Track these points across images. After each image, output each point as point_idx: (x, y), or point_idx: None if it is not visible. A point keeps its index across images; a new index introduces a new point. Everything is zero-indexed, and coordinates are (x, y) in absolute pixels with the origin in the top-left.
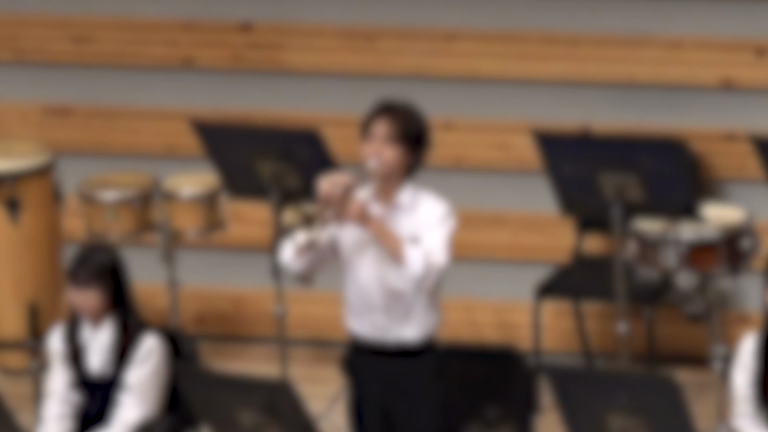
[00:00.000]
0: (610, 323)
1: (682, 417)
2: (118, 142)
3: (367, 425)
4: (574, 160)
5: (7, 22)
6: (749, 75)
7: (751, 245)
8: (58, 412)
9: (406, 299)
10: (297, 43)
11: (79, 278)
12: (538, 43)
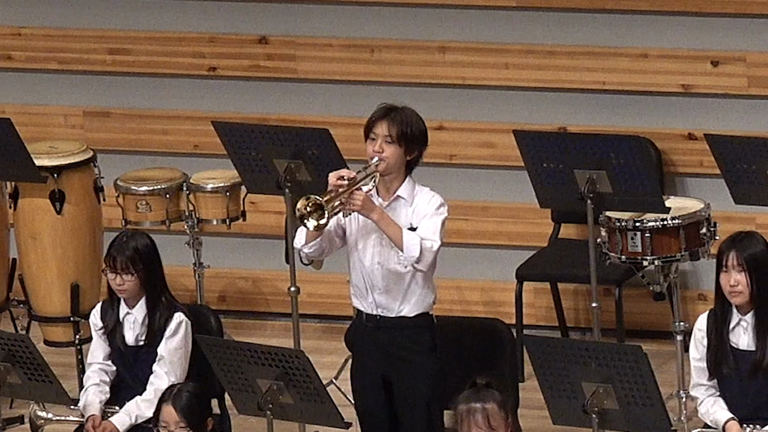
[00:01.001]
0: (583, 301)
1: (648, 384)
2: (151, 141)
3: (369, 391)
4: (551, 157)
5: (53, 36)
6: (706, 82)
7: (708, 232)
8: (98, 380)
9: (405, 280)
10: (308, 54)
11: (116, 263)
12: (519, 54)
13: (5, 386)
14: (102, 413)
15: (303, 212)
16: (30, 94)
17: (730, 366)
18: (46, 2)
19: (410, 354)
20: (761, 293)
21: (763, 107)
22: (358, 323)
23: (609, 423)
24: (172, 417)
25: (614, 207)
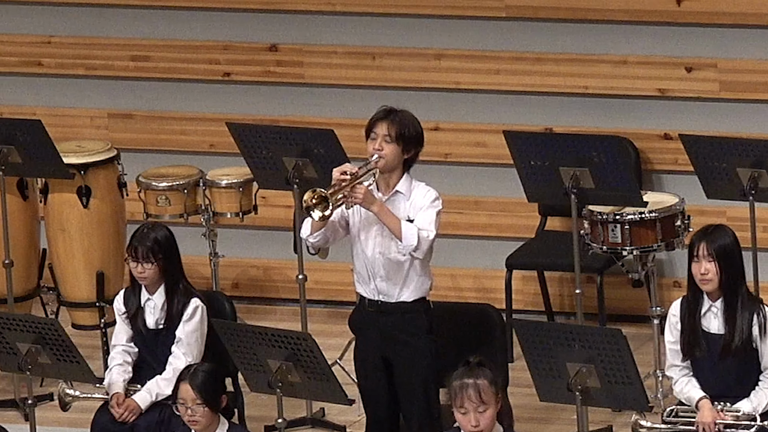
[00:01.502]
0: (567, 287)
1: (627, 364)
2: (170, 141)
3: (370, 371)
4: (538, 155)
5: (80, 44)
6: (681, 87)
7: (683, 225)
8: (121, 361)
9: (404, 268)
10: (314, 61)
11: (137, 252)
12: (508, 61)
13: (36, 366)
14: (125, 391)
15: (309, 204)
16: (59, 97)
17: (702, 348)
18: (74, 13)
19: (408, 336)
20: (729, 281)
21: (733, 110)
22: (360, 308)
23: (591, 400)
24: (189, 395)
25: (596, 201)
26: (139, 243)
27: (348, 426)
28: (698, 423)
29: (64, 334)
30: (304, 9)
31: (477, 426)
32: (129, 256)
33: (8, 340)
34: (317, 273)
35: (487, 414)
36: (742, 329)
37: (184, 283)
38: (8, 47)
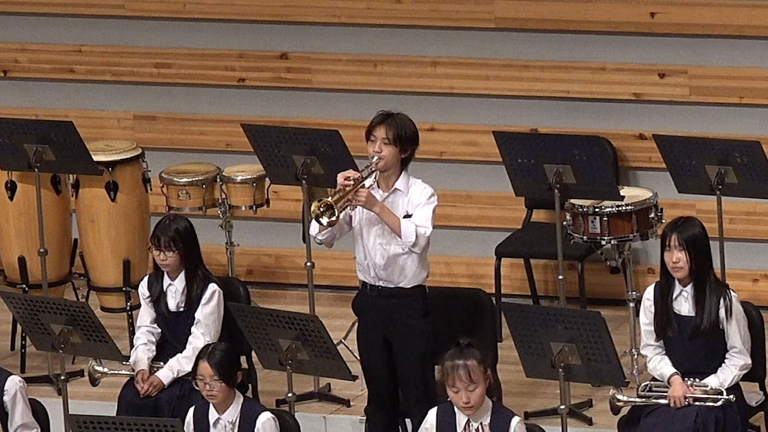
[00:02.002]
0: (551, 274)
1: (605, 343)
2: (190, 140)
3: (372, 350)
4: (524, 154)
5: (108, 52)
6: (654, 91)
7: (656, 217)
8: (145, 341)
9: (402, 260)
10: (321, 68)
11: (160, 242)
12: (497, 68)
13: (68, 345)
14: (149, 368)
15: (317, 212)
16: (89, 101)
17: (673, 329)
18: (102, 24)
19: (407, 318)
20: (699, 268)
21: (701, 112)
22: (363, 293)
23: (573, 376)
24: (208, 371)
25: (577, 195)
26: (161, 233)
27: (352, 400)
28: (670, 397)
29: (94, 316)
30: (311, 20)
31: (468, 402)
32: (152, 245)
33: (43, 321)
34: (324, 261)
35: (476, 391)
36: (710, 312)
37: (203, 269)
38: (43, 55)
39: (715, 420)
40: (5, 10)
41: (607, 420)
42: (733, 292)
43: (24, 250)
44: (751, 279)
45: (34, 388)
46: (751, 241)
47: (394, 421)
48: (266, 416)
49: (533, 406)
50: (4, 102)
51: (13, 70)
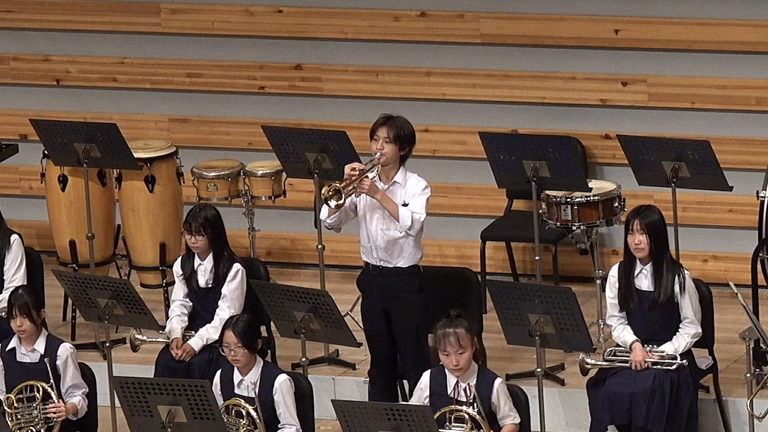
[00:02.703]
0: (529, 255)
1: (575, 315)
2: (217, 140)
3: (374, 321)
4: (506, 151)
5: (147, 64)
6: (617, 97)
7: (619, 205)
8: (179, 313)
9: (400, 242)
10: (330, 77)
11: (192, 227)
12: (483, 77)
13: (112, 317)
14: (182, 336)
15: (326, 195)
16: (130, 106)
17: (635, 302)
18: (141, 40)
19: (403, 294)
20: (657, 250)
21: (658, 116)
22: (366, 272)
23: (548, 343)
24: (232, 339)
25: (551, 187)
26: (192, 220)
27: (357, 363)
28: (632, 361)
29: (134, 291)
30: (322, 36)
31: (457, 365)
32: (185, 230)
33: (90, 296)
34: (332, 244)
35: (464, 355)
36: (667, 288)
37: (228, 251)
38: (90, 67)
39: (670, 381)
40: (59, 28)
41: (577, 381)
42: (686, 271)
43: (74, 235)
44: (702, 259)
45: (83, 354)
46: (701, 227)
47: (393, 382)
48: (283, 377)
49: (513, 369)
50: (57, 107)
51: (65, 79)
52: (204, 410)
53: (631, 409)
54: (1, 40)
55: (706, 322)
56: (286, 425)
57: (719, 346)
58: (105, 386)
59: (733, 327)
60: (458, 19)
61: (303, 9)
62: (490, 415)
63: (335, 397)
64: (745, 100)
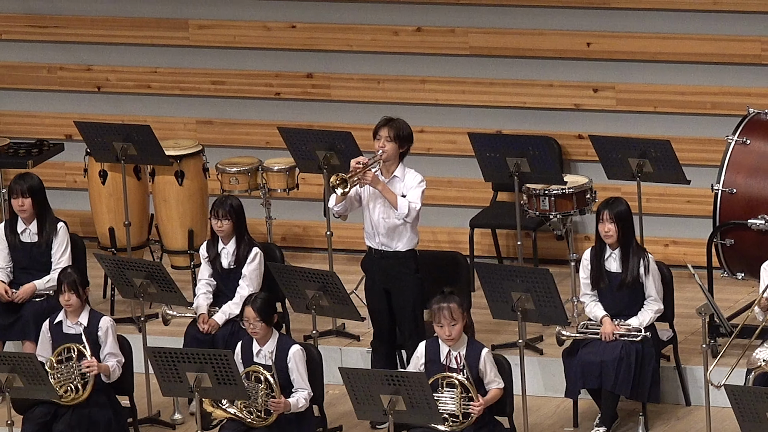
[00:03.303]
0: (512, 240)
1: (552, 293)
2: (238, 139)
3: (376, 298)
4: (492, 149)
5: (176, 73)
6: (589, 102)
7: (591, 197)
8: (205, 291)
9: (399, 229)
10: (338, 84)
11: (219, 213)
12: (472, 85)
13: (146, 294)
14: (208, 312)
15: (334, 183)
16: (162, 109)
17: (605, 282)
18: (172, 52)
19: (402, 274)
20: (624, 236)
21: (625, 118)
22: (369, 255)
23: (528, 317)
24: (252, 314)
25: (532, 181)
26: (219, 207)
27: (361, 335)
28: (602, 333)
29: (166, 272)
30: (331, 48)
31: (450, 336)
32: (212, 216)
33: (127, 276)
34: (339, 230)
35: (456, 327)
36: (633, 269)
37: (248, 236)
38: (127, 75)
39: (636, 351)
40: (100, 41)
41: (554, 351)
42: (650, 254)
43: (113, 223)
44: (663, 244)
45: (121, 327)
46: (663, 216)
47: (393, 351)
48: (296, 348)
49: (498, 340)
50: (98, 110)
51: (105, 86)
52: (227, 376)
53: (602, 375)
54: (50, 52)
55: (667, 299)
56: (299, 389)
57: (678, 321)
58: (140, 355)
59: (690, 303)
60: (450, 34)
61: (314, 24)
62: (478, 381)
63: (342, 365)
64: (701, 105)
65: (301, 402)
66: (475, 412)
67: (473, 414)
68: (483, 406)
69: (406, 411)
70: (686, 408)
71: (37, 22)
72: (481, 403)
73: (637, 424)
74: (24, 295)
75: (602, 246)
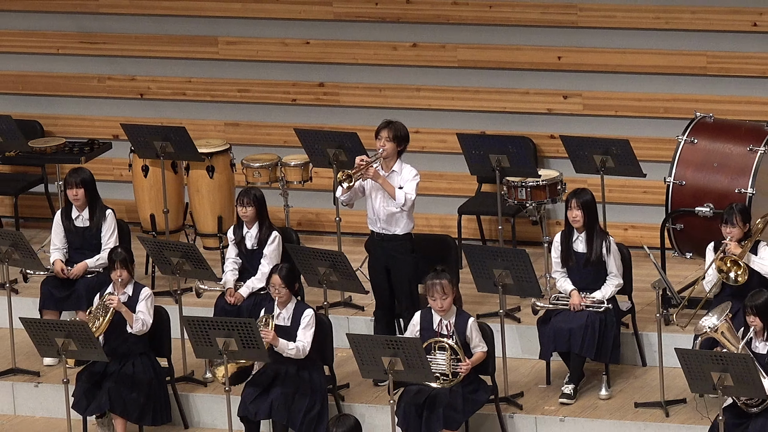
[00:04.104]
0: (494, 225)
1: (528, 269)
2: (261, 139)
3: (377, 274)
4: (477, 147)
5: (208, 82)
6: (560, 107)
7: (561, 188)
8: (232, 268)
9: (397, 216)
10: (346, 92)
11: (244, 201)
12: (459, 92)
13: (182, 271)
14: (234, 286)
15: (340, 178)
16: (195, 113)
17: (573, 261)
18: (204, 64)
19: (400, 254)
20: (589, 222)
21: (590, 121)
22: (371, 237)
23: (508, 290)
24: (278, 281)
25: (511, 174)
26: (244, 196)
27: (365, 306)
28: (570, 304)
29: (199, 252)
30: (339, 61)
31: (441, 307)
32: (238, 204)
33: (165, 256)
34: (347, 217)
35: (447, 300)
36: (596, 250)
37: (269, 222)
38: (165, 84)
39: (599, 319)
40: (142, 55)
41: (530, 319)
42: (611, 237)
43: (153, 210)
44: (623, 228)
45: (159, 299)
46: (623, 204)
47: (392, 320)
48: (309, 312)
49: (482, 310)
50: (141, 114)
51: (147, 93)
52: (250, 341)
53: (570, 340)
54: (99, 65)
55: (626, 275)
56: (298, 341)
57: (636, 293)
58: (176, 323)
59: (646, 279)
60: (441, 49)
61: (325, 41)
62: (465, 345)
63: (349, 332)
64: (655, 110)
65: (291, 346)
66: (463, 371)
67: (461, 373)
68: (469, 366)
69: (404, 371)
70: (643, 368)
71: (88, 39)
72: (468, 364)
73: (600, 382)
74: (77, 272)
75: (570, 230)
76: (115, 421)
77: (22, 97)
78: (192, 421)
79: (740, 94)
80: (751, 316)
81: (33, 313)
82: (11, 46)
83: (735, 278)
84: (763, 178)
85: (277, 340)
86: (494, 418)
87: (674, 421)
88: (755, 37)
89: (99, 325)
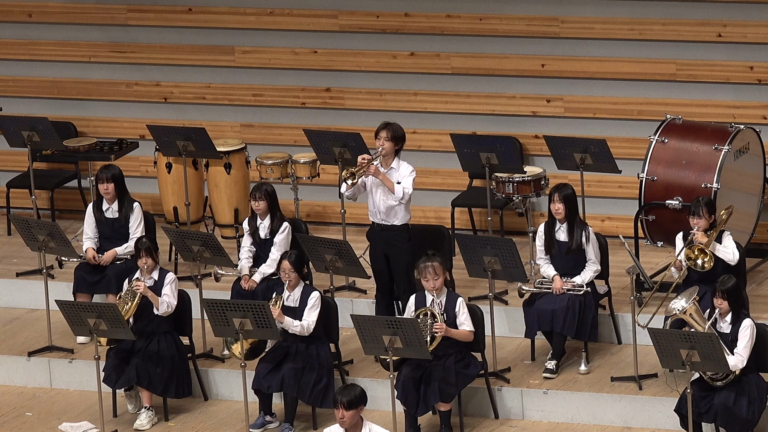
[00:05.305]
0: (484, 216)
1: (515, 257)
2: (273, 139)
3: (378, 261)
4: (469, 146)
5: (225, 88)
6: (543, 110)
7: (545, 183)
8: (247, 256)
9: (395, 209)
10: (350, 96)
11: (257, 195)
12: (453, 96)
13: (202, 258)
14: (249, 272)
15: (345, 176)
16: (214, 116)
17: (555, 249)
18: (222, 71)
19: (397, 243)
20: (570, 213)
21: (571, 122)
22: (372, 228)
23: (497, 276)
24: (287, 266)
25: (499, 171)
26: (257, 191)
27: (367, 290)
28: (553, 288)
29: (217, 241)
30: (344, 69)
31: (434, 287)
32: (251, 198)
33: (187, 244)
34: (351, 209)
35: (439, 281)
36: (577, 239)
37: (280, 213)
38: (187, 89)
39: (579, 301)
40: (166, 63)
41: (516, 302)
42: (590, 227)
43: (176, 203)
44: (601, 220)
45: (182, 283)
46: (600, 198)
47: (391, 302)
48: (316, 294)
49: (473, 293)
50: (165, 116)
51: (170, 98)
52: (264, 321)
53: (553, 321)
54: (127, 72)
55: (603, 262)
56: (304, 319)
57: (612, 278)
58: (197, 305)
59: (621, 265)
60: (436, 57)
61: (331, 50)
62: (454, 324)
63: (353, 313)
64: (629, 112)
65: (296, 324)
66: (438, 334)
67: (437, 334)
68: (443, 327)
69: (402, 348)
70: (618, 346)
71: (117, 48)
72: (442, 326)
73: (580, 358)
74: (107, 258)
75: (553, 221)
76: (142, 394)
77: (57, 100)
78: (211, 394)
79: (707, 98)
80: (719, 299)
81: (67, 296)
82: (48, 55)
83: (702, 265)
84: (727, 174)
85: (283, 318)
86: (484, 391)
87: (647, 394)
88: (720, 47)
89: (128, 308)
